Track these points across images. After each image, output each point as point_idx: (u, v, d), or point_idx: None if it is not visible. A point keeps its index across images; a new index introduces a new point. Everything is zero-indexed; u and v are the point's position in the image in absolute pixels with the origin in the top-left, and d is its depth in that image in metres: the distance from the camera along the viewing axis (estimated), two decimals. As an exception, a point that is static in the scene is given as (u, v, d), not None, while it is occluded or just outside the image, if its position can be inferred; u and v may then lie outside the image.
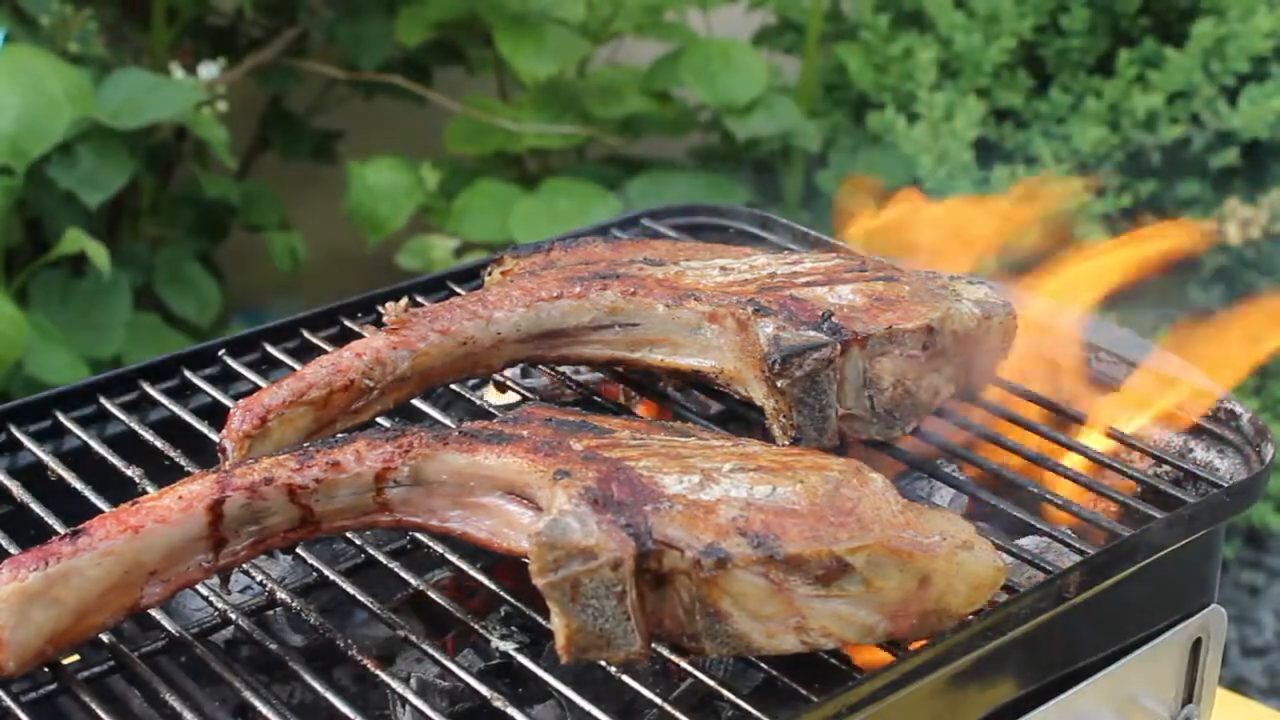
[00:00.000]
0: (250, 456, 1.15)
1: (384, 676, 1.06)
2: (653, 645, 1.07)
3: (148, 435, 1.30)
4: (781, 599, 1.00)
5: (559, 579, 0.97)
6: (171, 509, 1.05)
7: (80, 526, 1.05)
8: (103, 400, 1.35)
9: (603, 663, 1.03)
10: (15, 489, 1.23)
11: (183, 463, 1.25)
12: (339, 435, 1.16)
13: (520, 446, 1.08)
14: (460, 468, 1.09)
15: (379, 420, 1.29)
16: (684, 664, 1.05)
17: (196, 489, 1.07)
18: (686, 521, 1.00)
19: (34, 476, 1.26)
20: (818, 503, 1.04)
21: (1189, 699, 1.26)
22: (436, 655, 1.07)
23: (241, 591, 1.24)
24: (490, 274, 1.41)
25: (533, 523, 1.03)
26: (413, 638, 1.08)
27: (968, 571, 1.04)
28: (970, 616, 1.06)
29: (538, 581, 0.98)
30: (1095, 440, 1.29)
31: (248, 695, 1.05)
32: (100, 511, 1.20)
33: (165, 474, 1.24)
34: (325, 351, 1.38)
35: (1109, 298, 1.42)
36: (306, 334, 1.45)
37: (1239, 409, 1.31)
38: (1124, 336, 1.41)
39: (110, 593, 1.04)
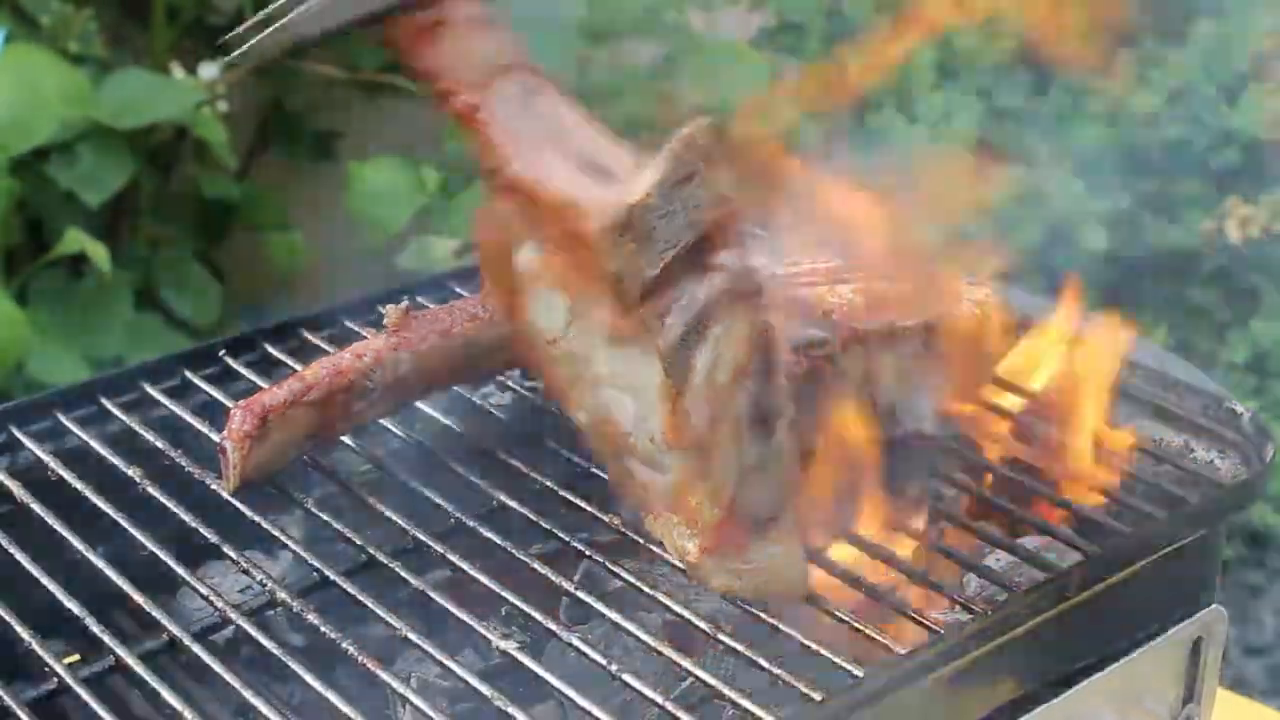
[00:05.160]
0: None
1: (384, 676, 1.06)
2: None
3: (148, 435, 1.30)
4: None
5: None
6: None
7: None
8: (103, 400, 1.35)
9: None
10: (16, 489, 1.23)
11: (183, 463, 1.25)
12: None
13: None
14: None
15: (384, 424, 1.29)
16: (686, 663, 1.05)
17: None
18: None
19: (34, 476, 1.26)
20: None
21: (1189, 699, 1.26)
22: (437, 655, 1.07)
23: (242, 592, 1.24)
24: (491, 284, 1.41)
25: None
26: (413, 637, 1.08)
27: None
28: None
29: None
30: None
31: (248, 695, 1.05)
32: (101, 512, 1.20)
33: (165, 474, 1.24)
34: (325, 351, 1.38)
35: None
36: (306, 334, 1.45)
37: (1239, 409, 1.32)
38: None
39: None
